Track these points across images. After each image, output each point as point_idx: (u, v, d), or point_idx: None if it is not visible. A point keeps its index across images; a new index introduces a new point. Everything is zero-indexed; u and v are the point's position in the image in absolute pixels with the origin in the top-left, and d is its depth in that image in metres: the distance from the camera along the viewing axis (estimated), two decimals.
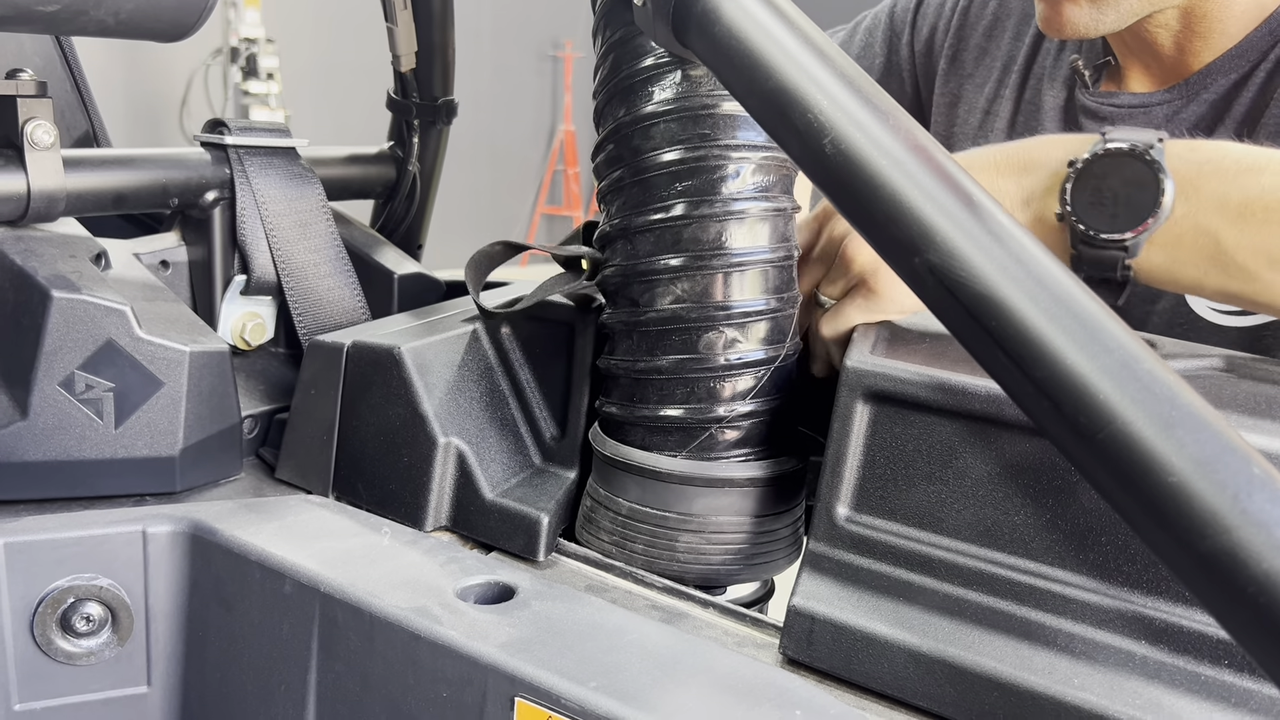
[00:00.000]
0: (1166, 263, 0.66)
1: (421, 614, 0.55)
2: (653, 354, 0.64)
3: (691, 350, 0.64)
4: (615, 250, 0.66)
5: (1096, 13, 0.91)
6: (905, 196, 0.47)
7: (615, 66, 0.65)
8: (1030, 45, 1.11)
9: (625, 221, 0.64)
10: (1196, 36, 0.95)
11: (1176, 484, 0.38)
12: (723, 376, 0.64)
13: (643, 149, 0.63)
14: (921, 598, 0.55)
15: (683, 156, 0.62)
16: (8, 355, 0.67)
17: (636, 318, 0.65)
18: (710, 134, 0.62)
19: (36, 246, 0.70)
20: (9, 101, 0.70)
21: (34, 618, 0.61)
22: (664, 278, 0.63)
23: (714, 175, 0.62)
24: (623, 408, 0.67)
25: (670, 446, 0.65)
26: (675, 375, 0.64)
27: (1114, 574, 0.51)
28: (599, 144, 0.67)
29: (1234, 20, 0.93)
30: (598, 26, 0.67)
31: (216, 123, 0.87)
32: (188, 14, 0.63)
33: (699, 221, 0.62)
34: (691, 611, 0.62)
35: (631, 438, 0.67)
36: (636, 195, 0.64)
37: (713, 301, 0.63)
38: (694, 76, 0.62)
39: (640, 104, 0.63)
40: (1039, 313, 0.43)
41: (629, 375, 0.66)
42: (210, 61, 5.77)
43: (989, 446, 0.54)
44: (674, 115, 0.62)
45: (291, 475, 0.74)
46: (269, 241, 0.86)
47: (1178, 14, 0.94)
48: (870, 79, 0.51)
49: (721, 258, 0.62)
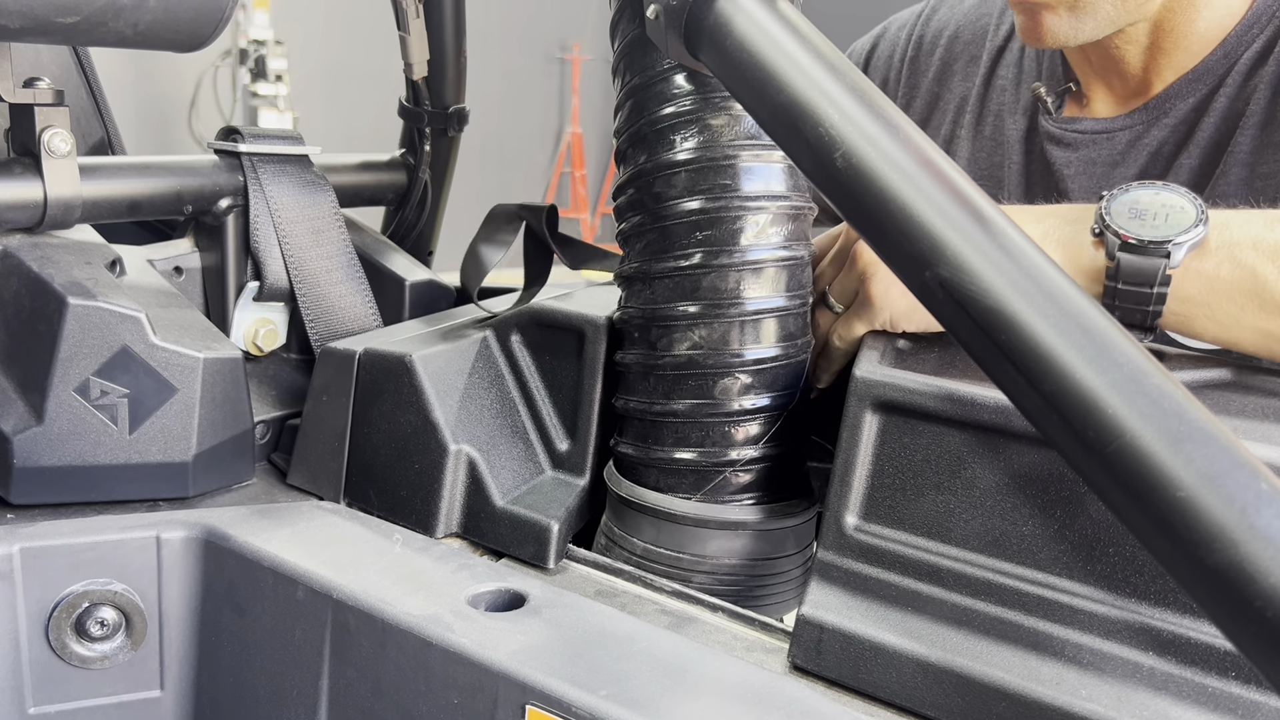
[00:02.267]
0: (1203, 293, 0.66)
1: (433, 621, 0.55)
2: (669, 397, 0.66)
3: (707, 395, 0.65)
4: (634, 293, 0.67)
5: (1075, 21, 0.93)
6: (916, 211, 0.47)
7: (637, 111, 0.66)
8: (982, 82, 1.14)
9: (645, 266, 0.66)
10: (1162, 53, 0.98)
11: (1185, 498, 0.38)
12: (737, 421, 0.66)
13: (664, 196, 0.65)
14: (930, 607, 0.55)
15: (703, 206, 0.63)
16: (24, 361, 0.68)
17: (653, 361, 0.66)
18: (731, 184, 0.63)
19: (52, 253, 0.71)
20: (27, 110, 0.70)
21: (49, 622, 0.62)
22: (682, 324, 0.65)
23: (733, 226, 0.63)
24: (638, 449, 0.68)
25: (684, 488, 0.67)
26: (690, 419, 0.66)
27: (1122, 585, 0.51)
28: (620, 185, 0.68)
29: (1197, 38, 0.96)
30: (618, 67, 0.69)
31: (230, 130, 0.88)
32: (204, 24, 0.63)
33: (718, 271, 0.63)
34: (701, 616, 0.62)
35: (646, 479, 0.68)
36: (657, 241, 0.65)
37: (729, 349, 0.64)
38: (715, 126, 0.63)
39: (662, 151, 0.64)
40: (1048, 327, 0.43)
41: (645, 417, 0.67)
42: (219, 63, 5.79)
43: (997, 457, 0.55)
44: (695, 165, 0.63)
45: (303, 481, 0.75)
46: (282, 248, 0.86)
47: (1148, 28, 0.97)
48: (882, 93, 0.51)
49: (738, 307, 0.64)
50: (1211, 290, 0.66)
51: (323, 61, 6.44)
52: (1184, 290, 0.66)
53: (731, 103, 0.63)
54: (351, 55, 6.35)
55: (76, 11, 0.58)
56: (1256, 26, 0.95)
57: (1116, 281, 0.66)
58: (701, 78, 0.63)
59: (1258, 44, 0.94)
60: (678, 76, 0.64)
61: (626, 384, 0.69)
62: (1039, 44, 0.96)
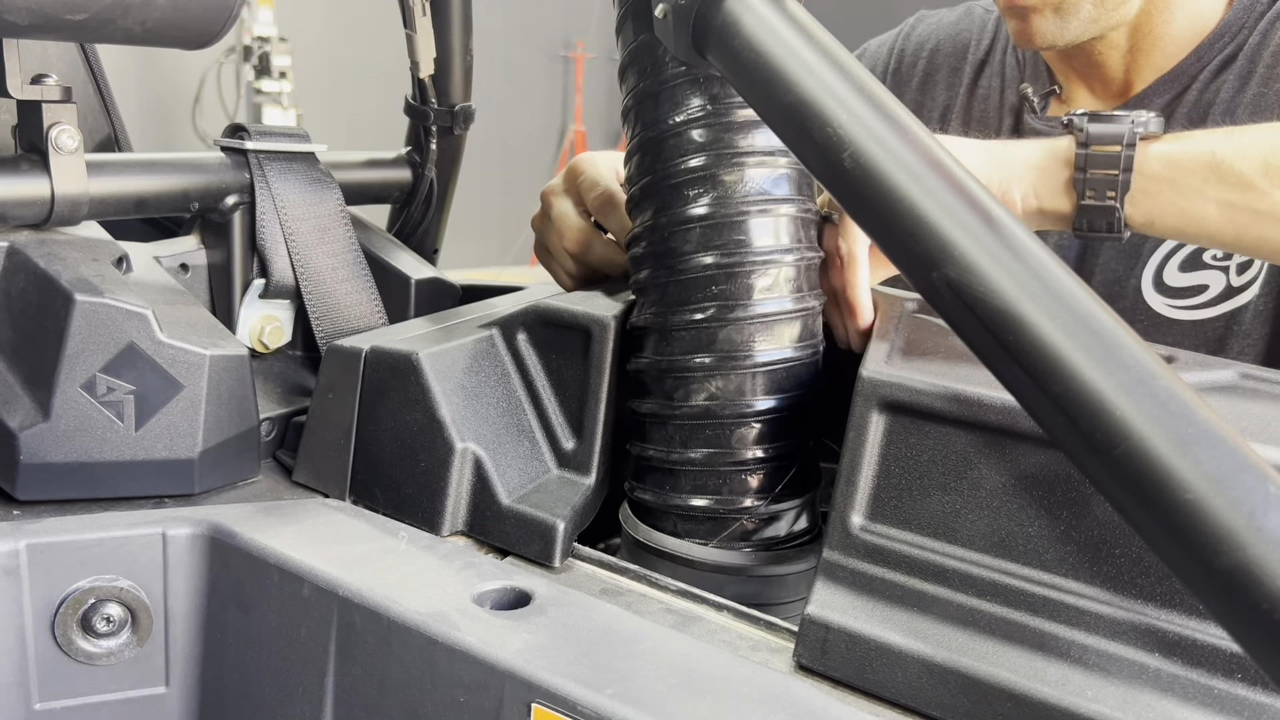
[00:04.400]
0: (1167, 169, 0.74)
1: (438, 619, 0.55)
2: (686, 446, 0.67)
3: (724, 444, 0.66)
4: (650, 344, 0.69)
5: (1060, 22, 1.02)
6: (924, 211, 0.47)
7: (649, 165, 0.67)
8: (965, 92, 1.24)
9: (661, 319, 0.67)
10: (1141, 54, 1.07)
11: (1192, 500, 0.38)
12: (754, 470, 0.67)
13: (679, 251, 0.66)
14: (936, 608, 0.55)
15: (718, 261, 0.64)
16: (30, 358, 0.68)
17: (670, 410, 0.67)
18: (744, 239, 0.64)
19: (59, 250, 0.71)
20: (34, 107, 0.70)
21: (55, 618, 0.62)
22: (698, 375, 0.66)
23: (747, 280, 0.64)
24: (655, 495, 0.69)
25: (701, 534, 0.68)
26: (707, 467, 0.67)
27: (1128, 586, 0.51)
28: (635, 235, 0.69)
29: (1171, 40, 1.06)
30: (627, 114, 0.69)
31: (237, 128, 0.88)
32: (212, 22, 0.63)
33: (733, 324, 0.65)
34: (706, 615, 0.62)
35: (663, 524, 0.69)
36: (673, 294, 0.66)
37: (744, 399, 0.65)
38: (727, 182, 0.64)
39: (677, 206, 0.65)
40: (1056, 328, 0.43)
41: (662, 465, 0.69)
42: (223, 60, 5.79)
43: (1004, 458, 0.55)
44: (709, 221, 0.64)
45: (309, 478, 0.75)
46: (288, 246, 0.86)
47: (1127, 31, 1.06)
48: (890, 93, 0.51)
49: (753, 358, 0.65)
50: (1174, 166, 0.74)
51: (326, 59, 6.44)
52: (1148, 167, 0.74)
53: (744, 159, 0.64)
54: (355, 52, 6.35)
55: (84, 9, 0.58)
56: (1226, 36, 1.05)
57: (1087, 149, 0.74)
58: (716, 132, 0.64)
59: (1229, 49, 1.05)
60: (692, 131, 0.65)
61: (643, 432, 0.70)
62: (1029, 45, 1.06)
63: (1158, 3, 1.04)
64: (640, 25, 0.66)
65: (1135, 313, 1.06)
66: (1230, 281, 1.04)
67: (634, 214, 0.70)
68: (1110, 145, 0.73)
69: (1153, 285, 1.07)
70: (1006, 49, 1.23)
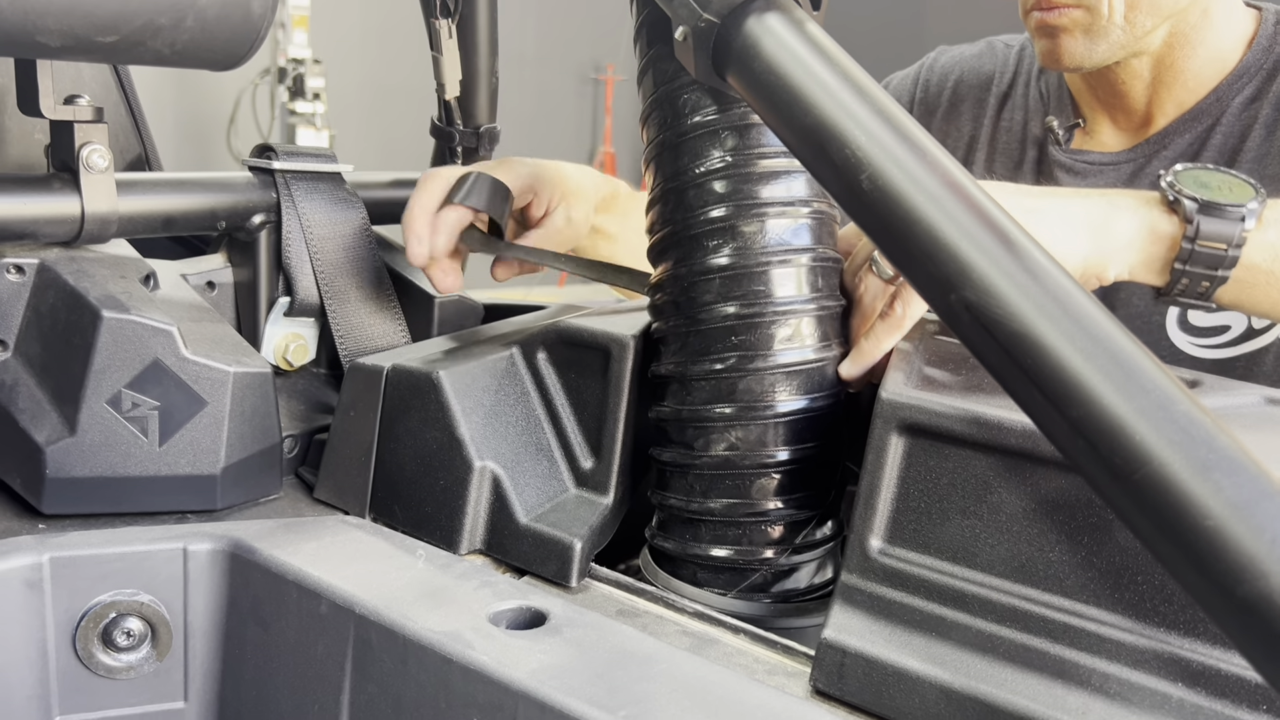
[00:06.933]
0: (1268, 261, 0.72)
1: (454, 638, 0.55)
2: (706, 496, 0.67)
3: (744, 495, 0.66)
4: (671, 392, 0.69)
5: (1090, 44, 1.04)
6: (942, 233, 0.47)
7: (670, 215, 0.67)
8: (990, 124, 1.26)
9: (682, 368, 0.67)
10: (1163, 86, 1.10)
11: (1213, 528, 0.38)
12: (774, 521, 0.67)
13: (699, 300, 0.66)
14: (954, 633, 0.54)
15: (739, 311, 0.64)
16: (58, 373, 0.69)
17: (691, 460, 0.67)
18: (765, 290, 0.64)
19: (88, 267, 0.72)
20: (67, 127, 0.72)
21: (76, 631, 0.62)
22: (718, 425, 0.66)
23: (768, 331, 0.64)
24: (675, 544, 0.69)
25: (720, 584, 0.68)
26: (727, 518, 0.67)
27: (1150, 614, 0.50)
28: (657, 283, 0.70)
29: (1193, 75, 1.08)
30: (648, 164, 0.70)
31: (265, 148, 0.89)
32: (239, 44, 0.64)
33: (754, 375, 0.65)
34: (722, 638, 0.62)
35: (683, 573, 0.69)
36: (694, 344, 0.66)
37: (765, 450, 0.65)
38: (748, 233, 0.64)
39: (698, 256, 0.66)
40: (1075, 352, 0.43)
41: (682, 514, 0.68)
42: (258, 81, 5.88)
43: (1024, 482, 0.54)
44: (730, 271, 0.65)
45: (330, 496, 0.76)
46: (313, 264, 0.87)
47: (1150, 62, 1.08)
48: (909, 115, 0.51)
49: (773, 409, 0.65)
50: (1275, 258, 0.72)
51: (360, 80, 6.52)
52: (1250, 258, 0.72)
53: (764, 209, 0.64)
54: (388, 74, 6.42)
55: (116, 31, 0.59)
56: (1246, 76, 1.07)
57: (1194, 243, 0.70)
58: (736, 183, 0.65)
59: (1248, 90, 1.07)
60: (713, 182, 0.65)
61: (663, 479, 0.70)
62: (1056, 66, 1.07)
63: (1180, 37, 1.06)
64: (661, 72, 0.67)
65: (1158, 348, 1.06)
66: (1251, 323, 1.05)
67: (656, 263, 0.70)
68: (1218, 243, 0.71)
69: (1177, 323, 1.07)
70: (1029, 81, 1.25)
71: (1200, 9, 1.05)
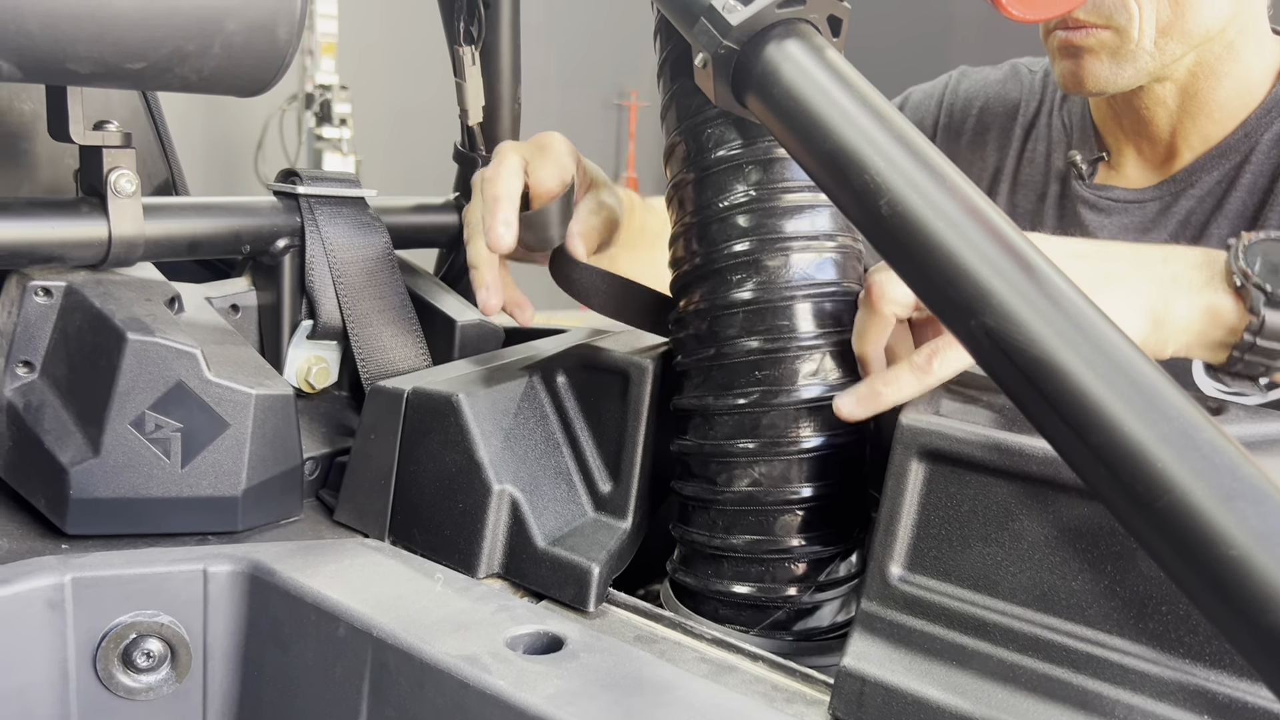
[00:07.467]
0: None
1: (470, 662, 0.55)
2: (729, 532, 0.67)
3: (767, 531, 0.66)
4: (693, 426, 0.68)
5: (1116, 68, 1.00)
6: (962, 258, 0.47)
7: (694, 249, 0.68)
8: (1015, 156, 1.22)
9: (705, 402, 0.67)
10: (1188, 116, 1.06)
11: (1237, 557, 0.37)
12: (797, 558, 0.66)
13: (723, 335, 0.66)
14: (975, 662, 0.54)
15: (762, 345, 0.65)
16: (84, 395, 0.70)
17: (713, 495, 0.67)
18: (789, 325, 0.64)
19: (114, 290, 0.73)
20: (96, 152, 0.73)
21: (97, 652, 0.63)
22: (741, 460, 0.66)
23: (792, 366, 0.64)
24: (697, 579, 0.69)
25: (742, 622, 0.67)
26: (750, 554, 0.66)
27: (1175, 644, 0.50)
28: (680, 318, 0.70)
29: (1219, 107, 1.05)
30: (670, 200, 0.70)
31: (289, 172, 0.90)
32: (265, 71, 0.65)
33: (777, 410, 0.64)
34: (740, 665, 0.61)
35: (704, 609, 0.69)
36: (717, 378, 0.66)
37: (788, 486, 0.65)
38: (772, 267, 0.64)
39: (721, 290, 0.66)
40: (1096, 378, 0.42)
41: (704, 550, 0.68)
42: (286, 107, 5.95)
43: (1046, 509, 0.54)
44: (754, 306, 0.65)
45: (349, 518, 0.76)
46: (336, 288, 0.88)
47: (1176, 90, 1.05)
48: (929, 141, 0.51)
49: (797, 444, 0.65)
50: None
51: (386, 106, 6.58)
52: None
53: (788, 244, 0.64)
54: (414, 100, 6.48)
55: (144, 58, 0.60)
56: (1275, 110, 1.03)
57: (1257, 337, 0.67)
58: (759, 217, 0.65)
59: (1277, 125, 1.03)
60: (737, 217, 0.65)
61: (685, 514, 0.70)
62: (1079, 90, 1.04)
63: (1205, 67, 1.03)
64: (684, 107, 0.67)
65: None
66: None
67: (679, 296, 0.70)
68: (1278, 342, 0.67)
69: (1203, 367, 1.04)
70: (1053, 111, 1.21)
71: (1225, 42, 1.02)
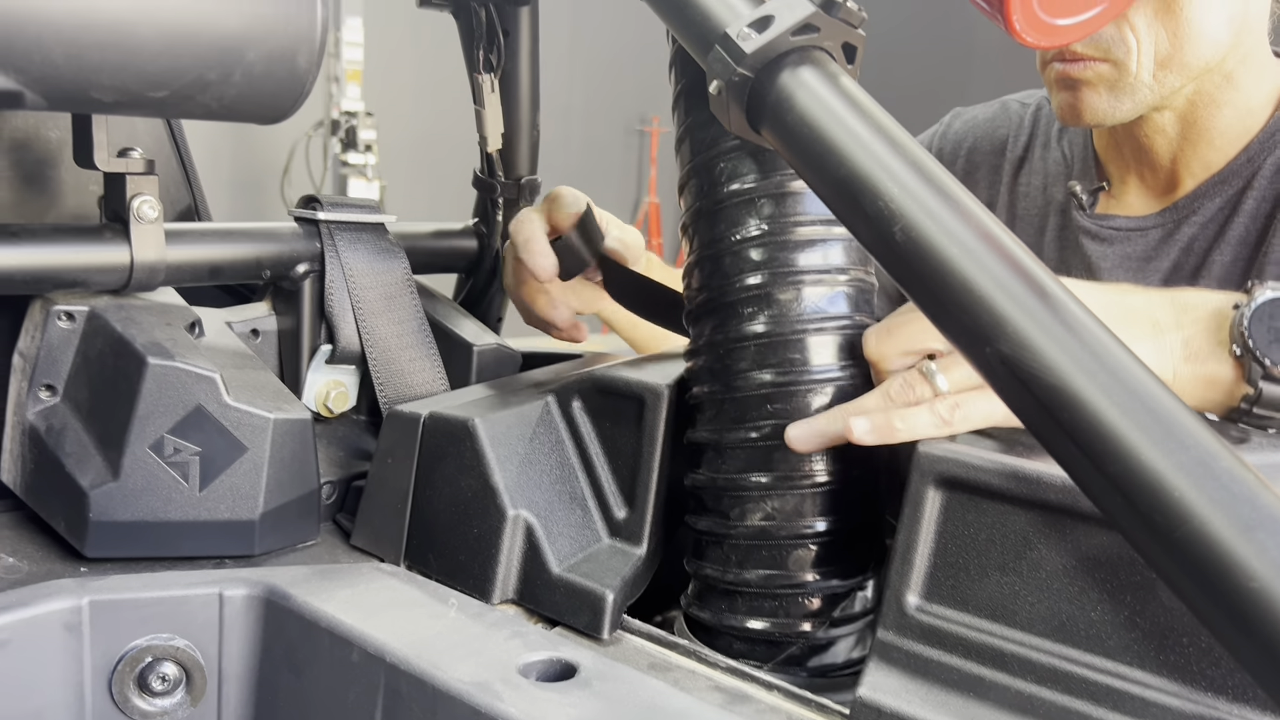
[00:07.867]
0: None
1: (483, 689, 0.55)
2: (742, 566, 0.67)
3: (781, 566, 0.66)
4: (706, 459, 0.68)
5: (1114, 100, 0.99)
6: (977, 285, 0.46)
7: (706, 281, 0.68)
8: (1006, 191, 1.22)
9: (717, 435, 0.67)
10: (1188, 144, 1.05)
11: (1258, 590, 0.37)
12: (811, 593, 0.66)
13: (735, 368, 0.66)
14: (992, 694, 0.53)
15: (775, 379, 0.64)
16: (104, 418, 0.70)
17: (726, 529, 0.67)
18: (801, 358, 0.64)
19: (136, 314, 0.73)
20: (119, 179, 0.74)
21: (113, 675, 0.63)
22: (754, 494, 0.65)
23: (804, 399, 0.64)
24: (711, 614, 0.69)
25: (757, 657, 0.67)
26: (764, 589, 0.66)
27: (1196, 677, 0.49)
28: (693, 350, 0.70)
29: (1219, 134, 1.04)
30: (685, 230, 0.70)
31: (310, 199, 0.91)
32: (285, 99, 0.66)
33: None
34: (755, 694, 0.61)
35: (718, 644, 0.68)
36: (730, 411, 0.66)
37: (802, 520, 0.65)
38: (784, 300, 0.65)
39: (734, 323, 0.66)
40: (1113, 406, 0.42)
41: (718, 585, 0.68)
42: (312, 133, 6.02)
43: (1065, 538, 0.53)
44: (766, 339, 0.65)
45: (366, 543, 0.76)
46: (355, 313, 0.88)
47: (1176, 119, 1.04)
48: (943, 167, 0.51)
49: (810, 478, 0.64)
50: None
51: (411, 133, 6.65)
52: None
53: (801, 277, 0.64)
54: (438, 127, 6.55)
55: (166, 86, 0.61)
56: (1277, 135, 1.02)
57: (1254, 406, 0.66)
58: (772, 250, 0.65)
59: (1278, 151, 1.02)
60: (749, 250, 0.65)
61: (700, 550, 0.70)
62: (1077, 122, 1.03)
63: (1204, 96, 1.02)
64: (699, 140, 0.68)
65: None
66: None
67: (692, 329, 0.70)
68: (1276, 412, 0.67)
69: None
70: (1048, 144, 1.20)
71: (1224, 71, 1.01)
